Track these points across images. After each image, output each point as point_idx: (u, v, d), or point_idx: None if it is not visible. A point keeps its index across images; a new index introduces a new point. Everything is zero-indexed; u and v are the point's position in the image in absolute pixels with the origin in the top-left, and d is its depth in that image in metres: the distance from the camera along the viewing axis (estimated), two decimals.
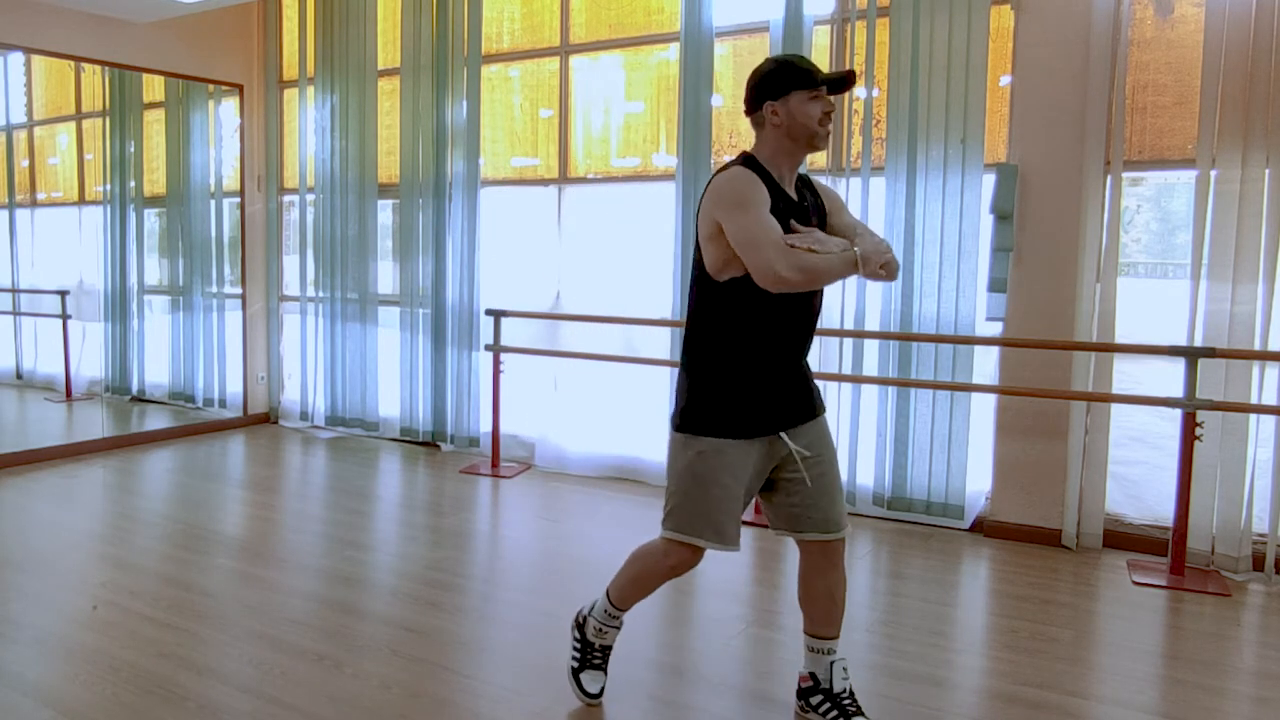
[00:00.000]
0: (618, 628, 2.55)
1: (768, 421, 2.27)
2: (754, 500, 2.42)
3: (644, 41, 4.94)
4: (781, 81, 2.22)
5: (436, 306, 5.54)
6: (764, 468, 2.32)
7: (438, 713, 2.45)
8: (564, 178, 5.24)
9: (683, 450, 2.30)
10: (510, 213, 5.49)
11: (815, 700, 2.42)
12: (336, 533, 3.99)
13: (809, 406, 2.34)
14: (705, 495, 2.27)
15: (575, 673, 2.55)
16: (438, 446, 5.64)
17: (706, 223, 2.22)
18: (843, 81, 2.22)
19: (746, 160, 2.26)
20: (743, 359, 2.26)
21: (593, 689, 2.52)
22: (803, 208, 2.28)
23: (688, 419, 2.29)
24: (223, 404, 6.23)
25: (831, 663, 2.39)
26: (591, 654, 2.54)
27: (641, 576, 2.45)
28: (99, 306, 5.67)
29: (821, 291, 2.33)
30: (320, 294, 6.03)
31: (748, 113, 2.29)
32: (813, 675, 2.42)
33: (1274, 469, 3.55)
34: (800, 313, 2.28)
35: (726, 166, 2.27)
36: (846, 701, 2.38)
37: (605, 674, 2.55)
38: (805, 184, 2.37)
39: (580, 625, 2.57)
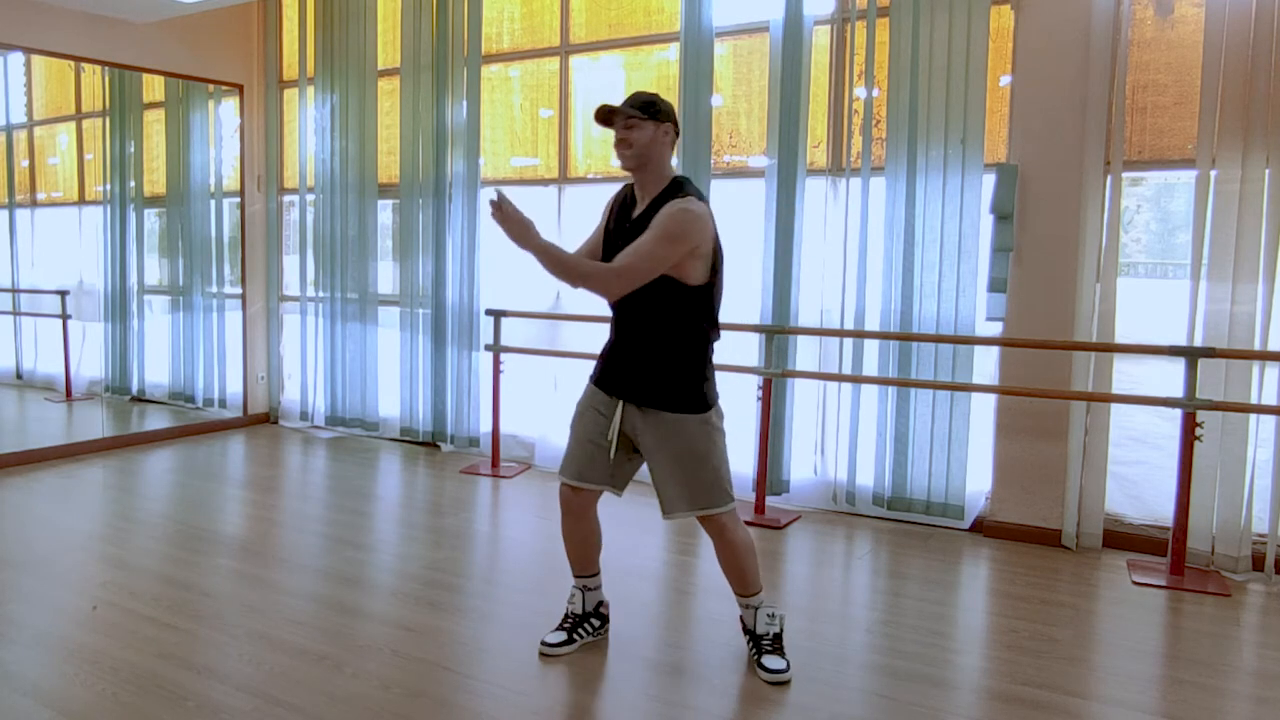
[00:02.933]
0: (581, 590, 2.89)
1: (600, 377, 2.75)
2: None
3: (644, 41, 4.94)
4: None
5: (436, 306, 5.54)
6: (606, 425, 2.71)
7: (438, 713, 2.45)
8: (564, 178, 5.24)
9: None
10: None
11: (747, 641, 2.81)
12: (336, 533, 3.99)
13: (630, 391, 2.67)
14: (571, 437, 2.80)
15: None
16: (438, 446, 5.64)
17: None
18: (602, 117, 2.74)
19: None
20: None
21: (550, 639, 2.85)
22: (624, 227, 2.81)
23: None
24: (223, 404, 6.24)
25: (755, 611, 2.76)
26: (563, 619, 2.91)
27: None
28: (99, 306, 5.67)
29: (632, 298, 2.67)
30: (320, 294, 6.03)
31: None
32: (742, 620, 2.82)
33: (1274, 469, 3.55)
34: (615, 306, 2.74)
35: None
36: (766, 643, 2.74)
37: (566, 633, 2.85)
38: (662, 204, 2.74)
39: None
